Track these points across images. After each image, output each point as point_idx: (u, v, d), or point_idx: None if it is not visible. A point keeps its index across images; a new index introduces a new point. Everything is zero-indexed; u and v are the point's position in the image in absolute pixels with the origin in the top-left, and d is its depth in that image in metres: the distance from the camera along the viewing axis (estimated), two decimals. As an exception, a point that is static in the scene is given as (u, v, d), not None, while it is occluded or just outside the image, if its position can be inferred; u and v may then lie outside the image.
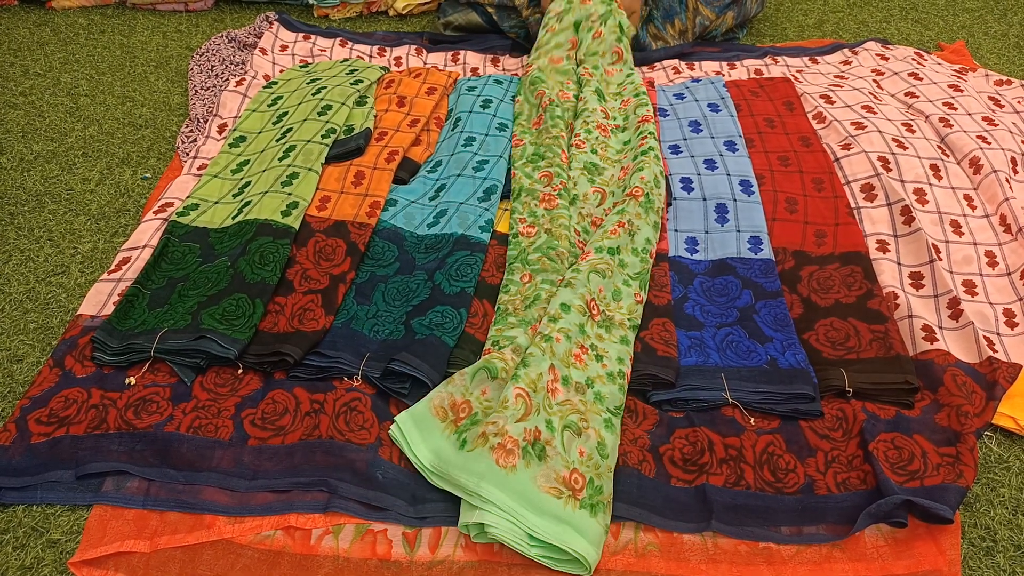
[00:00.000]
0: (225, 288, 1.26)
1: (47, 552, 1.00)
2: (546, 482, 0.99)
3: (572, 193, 1.47)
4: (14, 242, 1.45)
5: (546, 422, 1.05)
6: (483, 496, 0.97)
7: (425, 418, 1.08)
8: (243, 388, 1.16)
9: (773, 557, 1.00)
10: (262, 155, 1.56)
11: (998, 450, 1.13)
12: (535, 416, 1.04)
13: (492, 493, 0.97)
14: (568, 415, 1.07)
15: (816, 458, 1.09)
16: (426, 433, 1.07)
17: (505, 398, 1.05)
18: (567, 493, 0.99)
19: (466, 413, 1.08)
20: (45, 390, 1.15)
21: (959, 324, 1.26)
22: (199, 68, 1.91)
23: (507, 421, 1.02)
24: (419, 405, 1.10)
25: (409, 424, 1.08)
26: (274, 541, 1.02)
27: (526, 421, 1.03)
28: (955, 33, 2.19)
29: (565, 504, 0.98)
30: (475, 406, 1.09)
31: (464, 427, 1.06)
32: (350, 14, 2.23)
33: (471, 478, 0.98)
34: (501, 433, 1.01)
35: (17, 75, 1.93)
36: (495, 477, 0.98)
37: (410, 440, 1.07)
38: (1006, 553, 1.01)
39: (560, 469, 1.01)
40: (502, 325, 1.22)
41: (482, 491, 0.97)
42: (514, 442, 1.00)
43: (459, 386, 1.11)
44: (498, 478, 0.98)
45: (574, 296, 1.20)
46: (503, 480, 0.98)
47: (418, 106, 1.69)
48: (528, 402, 1.05)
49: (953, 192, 1.50)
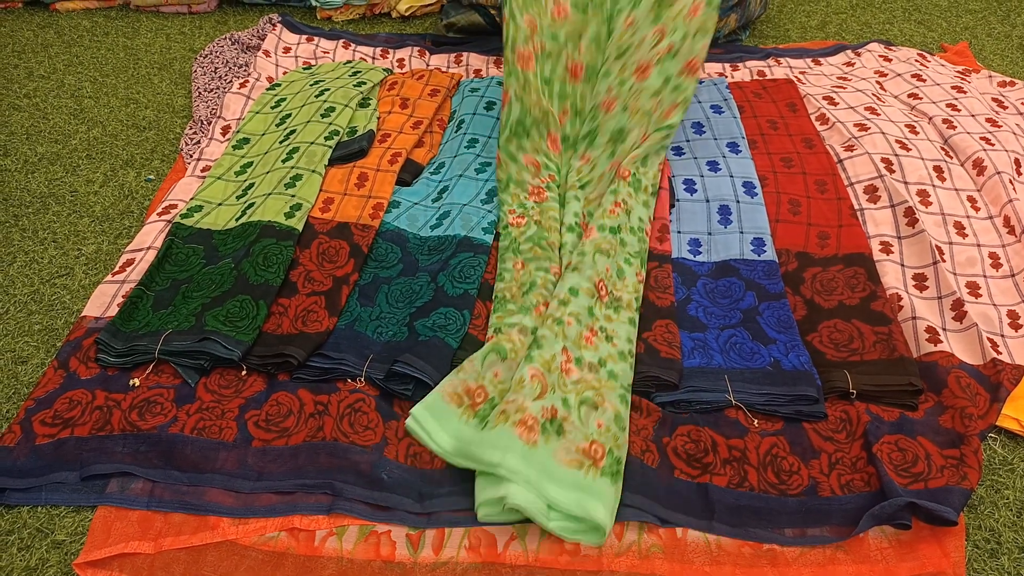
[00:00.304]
0: (229, 290, 1.26)
1: (52, 553, 1.00)
2: (566, 455, 1.02)
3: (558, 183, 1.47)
4: (19, 244, 1.46)
5: (562, 400, 1.07)
6: (507, 468, 0.98)
7: (440, 407, 1.09)
8: (247, 390, 1.16)
9: (777, 559, 1.00)
10: (265, 157, 1.56)
11: (1002, 452, 1.13)
12: (551, 395, 1.06)
13: (515, 466, 0.98)
14: (584, 391, 1.09)
15: (820, 460, 1.09)
16: (444, 421, 1.08)
17: (521, 378, 1.07)
18: (588, 463, 1.01)
19: (483, 398, 1.10)
20: (50, 391, 1.15)
21: (963, 326, 1.25)
22: (203, 70, 1.92)
23: (526, 399, 1.04)
24: (431, 396, 1.10)
25: (426, 415, 1.08)
26: (278, 542, 1.02)
27: (543, 400, 1.05)
28: (958, 34, 2.18)
29: (586, 474, 1.00)
30: (490, 390, 1.11)
31: (484, 411, 1.08)
32: (353, 16, 2.23)
33: (495, 452, 0.99)
34: (521, 410, 1.03)
35: (21, 77, 1.93)
36: (518, 451, 0.99)
37: (429, 430, 1.06)
38: (1010, 555, 1.01)
39: (580, 441, 1.03)
40: (502, 312, 1.24)
41: (507, 463, 0.98)
42: (534, 419, 1.03)
43: (470, 372, 1.13)
44: (521, 452, 0.99)
45: (582, 279, 1.22)
46: (526, 454, 1.00)
47: (421, 108, 1.69)
48: (543, 382, 1.07)
49: (957, 193, 1.50)
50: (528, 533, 1.02)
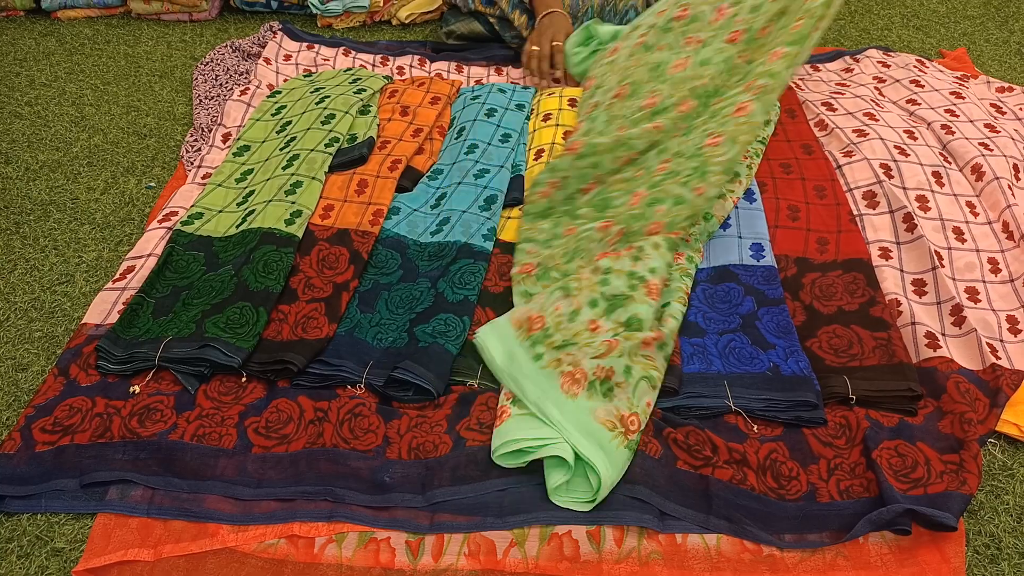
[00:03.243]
0: (229, 297, 1.26)
1: (51, 561, 1.00)
2: (605, 415, 1.05)
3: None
4: (19, 251, 1.46)
5: (625, 368, 1.09)
6: (542, 409, 1.04)
7: (504, 327, 1.18)
8: (247, 396, 1.17)
9: (776, 564, 0.99)
10: (266, 164, 1.57)
11: (1002, 457, 1.13)
12: (614, 358, 1.09)
13: (550, 410, 1.04)
14: (650, 369, 1.11)
15: (819, 465, 1.09)
16: (503, 339, 1.16)
17: (592, 338, 1.11)
18: (620, 430, 1.04)
19: (539, 326, 1.15)
20: (50, 399, 1.16)
21: (962, 331, 1.26)
22: (203, 78, 1.92)
23: (584, 357, 1.08)
24: (502, 318, 1.19)
25: (488, 331, 1.18)
26: (277, 550, 1.02)
27: (603, 360, 1.08)
28: (956, 40, 2.19)
29: (614, 438, 1.03)
30: (548, 321, 1.16)
31: (536, 337, 1.13)
32: (353, 24, 2.24)
33: (536, 390, 1.06)
34: (575, 364, 1.08)
35: (23, 85, 1.94)
36: (556, 399, 1.05)
37: (488, 344, 1.15)
38: (1011, 560, 1.01)
39: (622, 408, 1.06)
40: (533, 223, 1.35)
41: (543, 405, 1.05)
42: (583, 374, 1.07)
43: (537, 303, 1.20)
44: (558, 400, 1.05)
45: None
46: (562, 403, 1.05)
47: (421, 115, 1.70)
48: (611, 345, 1.09)
49: (955, 199, 1.50)
50: (528, 540, 1.02)
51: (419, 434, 1.12)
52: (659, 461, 1.07)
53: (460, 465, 1.08)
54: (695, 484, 1.06)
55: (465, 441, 1.10)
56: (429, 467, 1.08)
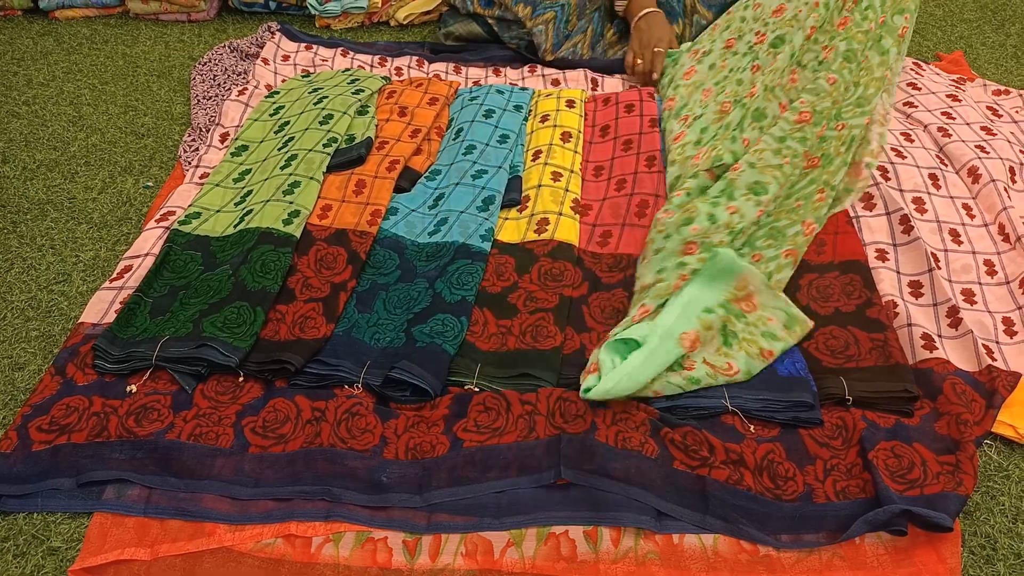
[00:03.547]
0: (226, 296, 1.26)
1: (47, 560, 1.00)
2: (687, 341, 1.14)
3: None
4: (16, 250, 1.46)
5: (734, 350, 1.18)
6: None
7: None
8: (244, 396, 1.17)
9: (774, 565, 1.00)
10: (264, 164, 1.57)
11: (998, 458, 1.14)
12: (730, 347, 1.18)
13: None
14: (752, 347, 1.18)
15: (815, 466, 1.10)
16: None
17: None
18: (682, 363, 1.15)
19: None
20: (46, 398, 1.15)
21: (958, 333, 1.26)
22: (201, 78, 1.92)
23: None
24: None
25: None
26: (274, 549, 1.02)
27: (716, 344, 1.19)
28: (953, 43, 2.20)
29: (675, 364, 1.14)
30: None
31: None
32: (351, 24, 2.24)
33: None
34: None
35: (21, 85, 1.94)
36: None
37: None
38: (1006, 561, 1.01)
39: (710, 357, 1.16)
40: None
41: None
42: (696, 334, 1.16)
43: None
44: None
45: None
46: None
47: (419, 116, 1.70)
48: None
49: (952, 201, 1.51)
50: (525, 540, 1.02)
51: (416, 434, 1.12)
52: (656, 461, 1.07)
53: (458, 466, 1.08)
54: (692, 484, 1.06)
55: (463, 442, 1.10)
56: (426, 467, 1.08)
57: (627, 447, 1.08)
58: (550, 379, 1.18)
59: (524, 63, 2.03)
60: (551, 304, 1.29)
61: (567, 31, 2.00)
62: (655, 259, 1.30)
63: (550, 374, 1.18)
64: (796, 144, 1.38)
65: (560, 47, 1.99)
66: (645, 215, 1.45)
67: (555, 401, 1.14)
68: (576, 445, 1.07)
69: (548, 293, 1.31)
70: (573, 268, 1.36)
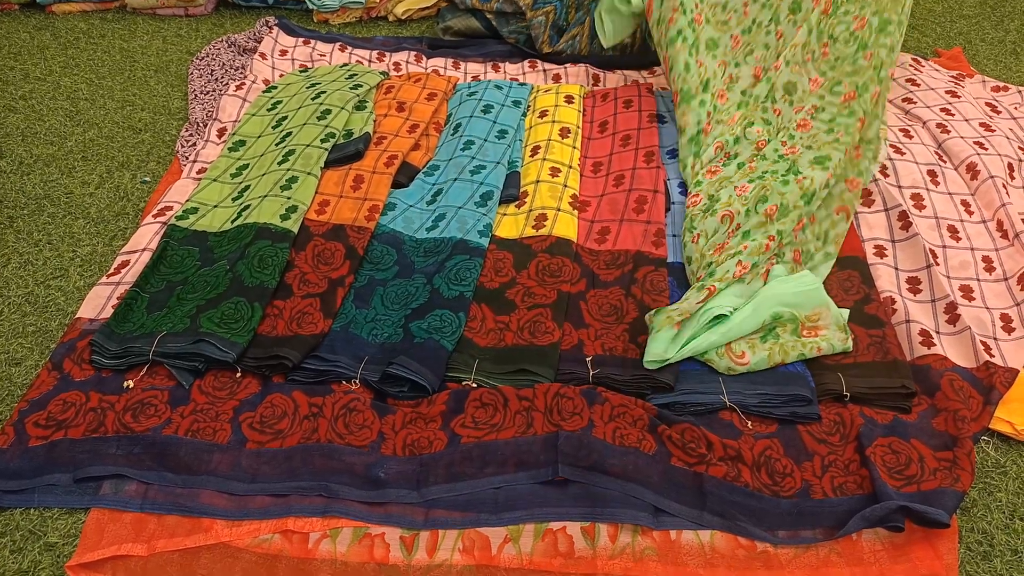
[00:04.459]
0: (224, 292, 1.26)
1: (44, 555, 1.00)
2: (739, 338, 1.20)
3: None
4: (13, 245, 1.45)
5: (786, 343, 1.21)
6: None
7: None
8: (241, 392, 1.16)
9: (771, 561, 1.00)
10: (261, 159, 1.56)
11: (995, 455, 1.14)
12: (787, 348, 1.20)
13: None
14: (804, 348, 1.19)
15: (813, 462, 1.10)
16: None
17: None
18: (723, 349, 1.18)
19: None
20: (43, 393, 1.15)
21: (956, 329, 1.26)
22: (199, 72, 1.92)
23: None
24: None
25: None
26: (272, 545, 1.02)
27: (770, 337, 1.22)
28: (952, 39, 2.19)
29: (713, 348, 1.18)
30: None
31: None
32: (349, 19, 2.23)
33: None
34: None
35: (17, 79, 1.93)
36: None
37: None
38: (1003, 558, 1.01)
39: (759, 345, 1.19)
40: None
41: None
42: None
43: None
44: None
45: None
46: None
47: (417, 111, 1.69)
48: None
49: (950, 197, 1.51)
50: (522, 536, 1.02)
51: (414, 430, 1.12)
52: (653, 458, 1.07)
53: (455, 462, 1.08)
54: (689, 481, 1.06)
55: (460, 438, 1.10)
56: (424, 463, 1.08)
57: (625, 444, 1.08)
58: (548, 375, 1.18)
59: (523, 58, 2.02)
60: (549, 300, 1.28)
61: (566, 23, 1.99)
62: (739, 233, 1.34)
63: (548, 370, 1.18)
64: (846, 119, 1.44)
65: (558, 40, 1.98)
66: (643, 211, 1.45)
67: (552, 397, 1.14)
68: (574, 442, 1.07)
69: (546, 289, 1.30)
70: (571, 264, 1.36)
